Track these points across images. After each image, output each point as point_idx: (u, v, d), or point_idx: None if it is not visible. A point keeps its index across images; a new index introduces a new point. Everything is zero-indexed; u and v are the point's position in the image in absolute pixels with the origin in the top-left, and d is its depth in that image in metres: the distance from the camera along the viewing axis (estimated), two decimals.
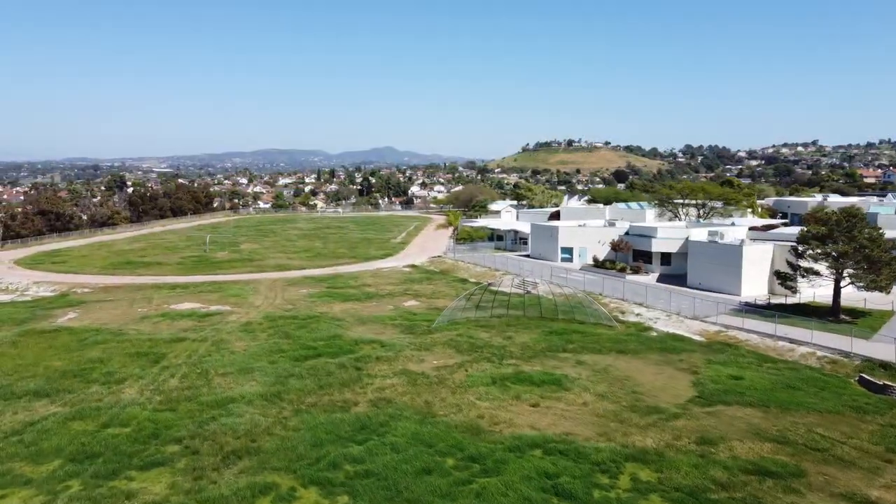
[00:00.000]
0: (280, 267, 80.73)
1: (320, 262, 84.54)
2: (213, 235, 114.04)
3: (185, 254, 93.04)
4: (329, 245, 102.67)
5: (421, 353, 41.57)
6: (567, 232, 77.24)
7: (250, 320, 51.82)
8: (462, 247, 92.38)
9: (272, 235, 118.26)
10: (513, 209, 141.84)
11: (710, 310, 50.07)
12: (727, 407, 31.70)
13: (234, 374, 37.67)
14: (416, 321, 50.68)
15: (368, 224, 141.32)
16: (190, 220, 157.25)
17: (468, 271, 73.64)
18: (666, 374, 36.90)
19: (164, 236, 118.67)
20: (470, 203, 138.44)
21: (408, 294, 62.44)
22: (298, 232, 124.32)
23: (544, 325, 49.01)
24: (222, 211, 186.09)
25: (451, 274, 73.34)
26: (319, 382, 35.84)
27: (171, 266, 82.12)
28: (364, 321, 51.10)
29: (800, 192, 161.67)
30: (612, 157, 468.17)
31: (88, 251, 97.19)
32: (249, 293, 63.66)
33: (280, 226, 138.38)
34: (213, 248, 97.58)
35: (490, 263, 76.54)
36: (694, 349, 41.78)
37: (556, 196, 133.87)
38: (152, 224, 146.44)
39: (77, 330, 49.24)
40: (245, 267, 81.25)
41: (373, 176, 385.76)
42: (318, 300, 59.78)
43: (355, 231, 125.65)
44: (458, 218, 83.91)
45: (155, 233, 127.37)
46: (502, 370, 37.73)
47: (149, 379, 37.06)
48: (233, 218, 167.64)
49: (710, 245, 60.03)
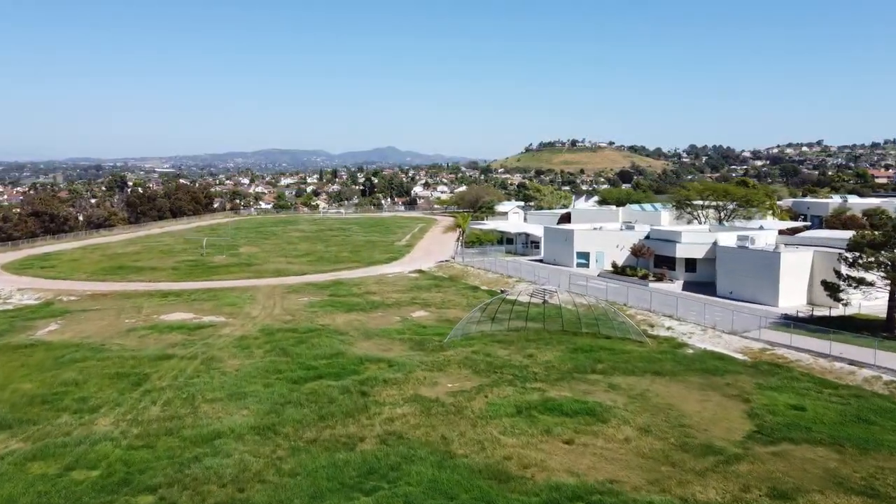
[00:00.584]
0: (280, 272, 76.27)
1: (322, 267, 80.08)
2: (212, 238, 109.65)
3: (180, 258, 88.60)
4: (331, 248, 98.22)
5: (434, 375, 37.09)
6: (583, 236, 72.67)
7: (245, 334, 47.37)
8: (471, 251, 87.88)
9: (273, 238, 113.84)
10: (520, 210, 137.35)
11: (749, 323, 45.53)
12: (794, 446, 27.16)
13: (223, 401, 33.22)
14: (427, 335, 46.18)
15: (372, 225, 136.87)
16: (189, 222, 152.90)
17: (479, 278, 69.12)
18: (713, 402, 32.37)
19: (160, 239, 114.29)
20: (476, 204, 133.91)
21: (416, 303, 57.95)
22: (300, 234, 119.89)
23: (567, 340, 44.47)
24: (223, 212, 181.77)
25: (460, 280, 68.83)
26: (320, 412, 31.39)
27: (165, 271, 77.67)
28: (369, 335, 46.61)
29: (815, 193, 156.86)
30: (617, 158, 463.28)
31: (80, 255, 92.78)
32: (246, 302, 59.22)
33: (281, 227, 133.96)
34: (210, 251, 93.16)
35: (502, 269, 72.00)
36: (739, 370, 37.22)
37: (566, 197, 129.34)
38: (150, 226, 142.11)
39: (55, 345, 44.83)
40: (243, 272, 76.80)
41: (375, 176, 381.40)
42: (320, 310, 55.31)
43: (358, 233, 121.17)
44: (468, 221, 79.32)
45: (152, 235, 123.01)
46: (527, 396, 33.23)
47: (127, 406, 32.62)
48: (233, 219, 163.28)
49: (743, 251, 55.45)
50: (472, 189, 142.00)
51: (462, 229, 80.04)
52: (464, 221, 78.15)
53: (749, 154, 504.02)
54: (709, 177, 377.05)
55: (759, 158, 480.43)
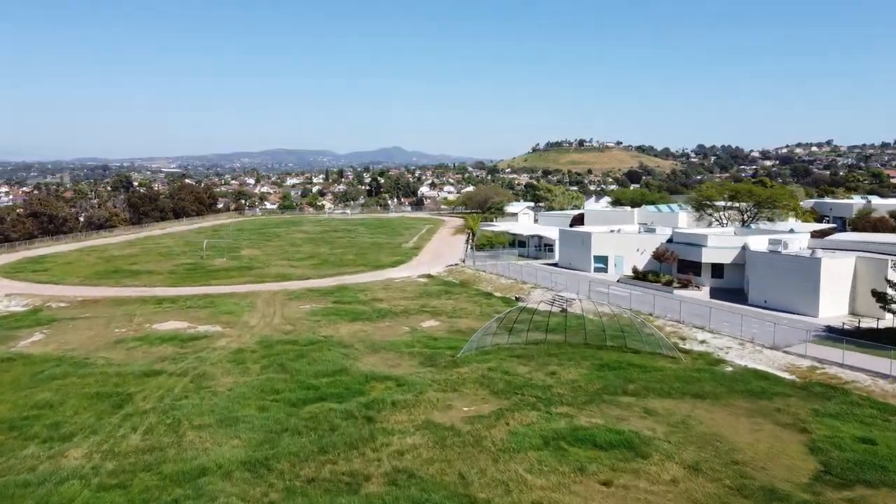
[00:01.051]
0: (281, 276, 72.58)
1: (326, 271, 76.38)
2: (213, 239, 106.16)
3: (179, 261, 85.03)
4: (336, 250, 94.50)
5: (447, 396, 33.29)
6: (601, 239, 68.69)
7: (242, 346, 43.66)
8: (481, 254, 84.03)
9: (276, 239, 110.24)
10: (530, 211, 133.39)
11: (790, 336, 41.57)
12: (873, 490, 23.23)
13: (212, 427, 29.50)
14: (438, 348, 42.37)
15: (378, 227, 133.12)
16: (191, 223, 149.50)
17: (491, 283, 65.24)
18: (766, 432, 28.46)
19: (161, 240, 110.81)
20: (485, 205, 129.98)
21: (425, 311, 54.14)
22: (304, 235, 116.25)
23: (592, 355, 40.57)
24: (226, 212, 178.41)
25: (472, 286, 64.97)
26: (320, 442, 27.63)
27: (161, 275, 74.08)
28: (376, 348, 42.83)
29: (832, 194, 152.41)
30: (624, 158, 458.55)
31: (76, 257, 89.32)
32: (245, 309, 55.54)
33: (285, 228, 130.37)
34: (210, 254, 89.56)
35: (515, 274, 68.08)
36: (788, 392, 33.28)
37: (577, 197, 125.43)
38: (151, 226, 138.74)
39: (35, 358, 41.24)
40: (243, 276, 73.15)
41: (382, 176, 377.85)
42: (323, 319, 51.57)
43: (364, 234, 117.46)
44: (478, 223, 75.28)
45: (153, 236, 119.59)
46: (553, 424, 29.39)
47: (104, 434, 28.94)
48: (237, 220, 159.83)
49: (776, 257, 51.40)
50: (480, 189, 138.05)
51: (472, 232, 75.89)
52: (474, 223, 74.04)
53: (758, 154, 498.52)
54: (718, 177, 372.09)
55: (768, 158, 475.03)
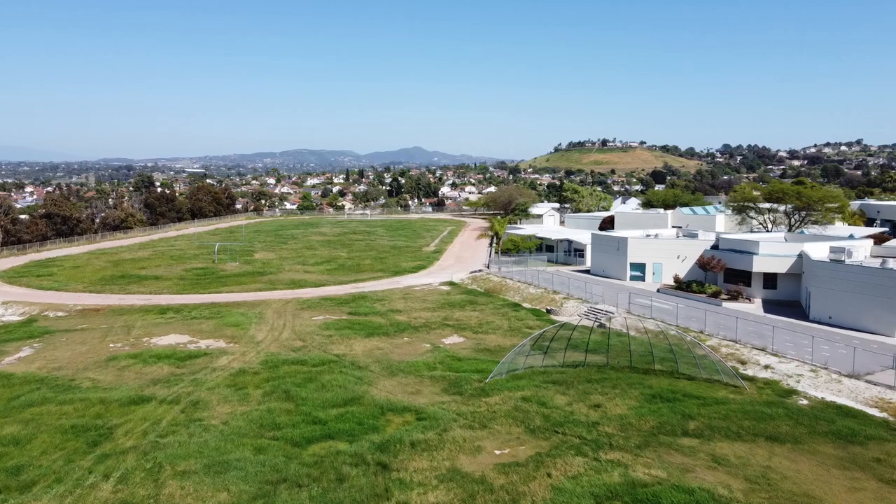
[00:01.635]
0: (295, 283, 68.08)
1: (342, 277, 71.77)
2: (227, 243, 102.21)
3: (190, 265, 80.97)
4: (354, 254, 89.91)
5: (476, 435, 28.29)
6: (638, 244, 63.17)
7: (244, 366, 39.05)
8: (506, 259, 78.89)
9: (292, 242, 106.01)
10: (556, 213, 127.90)
11: (870, 362, 35.96)
12: None
13: (197, 475, 24.78)
14: (463, 372, 37.37)
15: (398, 229, 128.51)
16: (208, 223, 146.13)
17: (519, 293, 60.05)
18: (870, 493, 23.03)
19: (174, 242, 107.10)
20: (509, 206, 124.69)
21: (448, 325, 49.19)
22: (321, 238, 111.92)
23: (640, 381, 35.31)
24: (244, 213, 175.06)
25: (498, 295, 59.85)
26: (325, 498, 22.79)
27: (169, 281, 69.96)
28: (393, 371, 37.96)
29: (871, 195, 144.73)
30: (648, 158, 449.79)
31: (85, 260, 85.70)
32: (252, 321, 51.01)
33: (302, 230, 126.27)
34: (222, 258, 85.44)
35: (545, 282, 62.76)
36: (884, 436, 27.76)
37: (605, 199, 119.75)
38: (167, 228, 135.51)
39: (16, 379, 36.96)
40: (254, 283, 68.77)
41: (402, 176, 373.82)
42: (336, 334, 46.83)
43: (384, 237, 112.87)
44: (504, 226, 69.84)
45: (167, 238, 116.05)
46: (605, 476, 24.23)
47: (70, 482, 24.36)
48: (254, 221, 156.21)
49: (843, 267, 45.62)
50: (504, 190, 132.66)
51: (498, 235, 70.40)
52: (500, 227, 68.64)
53: (785, 154, 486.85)
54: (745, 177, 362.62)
55: (796, 158, 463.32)
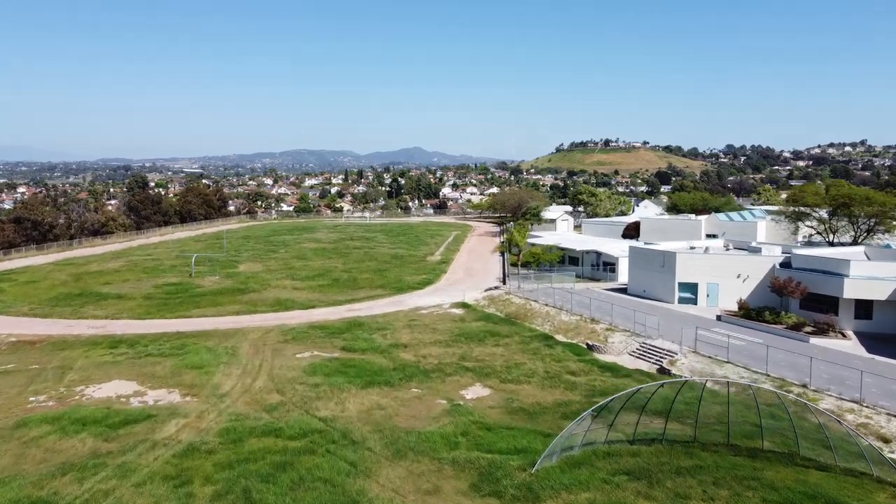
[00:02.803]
0: (280, 304, 57.33)
1: (336, 295, 61.11)
2: (209, 253, 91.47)
3: (163, 279, 70.25)
4: (350, 266, 79.20)
5: None
6: (689, 260, 52.39)
7: (197, 439, 28.35)
8: (523, 272, 68.37)
9: (283, 250, 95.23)
10: (569, 217, 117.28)
11: None
12: None
13: None
14: (498, 452, 26.65)
15: (399, 234, 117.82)
16: (196, 228, 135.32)
17: (549, 320, 49.27)
18: None
19: (153, 250, 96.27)
20: (518, 209, 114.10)
21: (466, 368, 38.49)
22: (315, 245, 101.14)
23: (751, 473, 24.62)
24: (237, 216, 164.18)
25: (523, 323, 49.12)
26: None
27: (133, 301, 59.20)
28: (400, 448, 27.26)
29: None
30: (652, 158, 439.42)
31: (45, 274, 74.83)
32: (221, 361, 40.29)
33: (296, 236, 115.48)
34: (200, 270, 74.65)
35: (579, 306, 51.72)
36: None
37: (624, 202, 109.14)
38: (151, 233, 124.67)
39: None
40: (233, 303, 58.07)
41: (402, 177, 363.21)
42: (325, 382, 36.11)
43: (384, 244, 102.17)
44: (525, 235, 58.71)
45: (148, 244, 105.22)
46: None
47: None
48: (245, 225, 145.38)
49: None
50: (512, 192, 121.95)
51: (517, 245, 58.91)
52: (520, 235, 57.20)
53: (790, 154, 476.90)
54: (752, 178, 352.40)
55: (800, 159, 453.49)
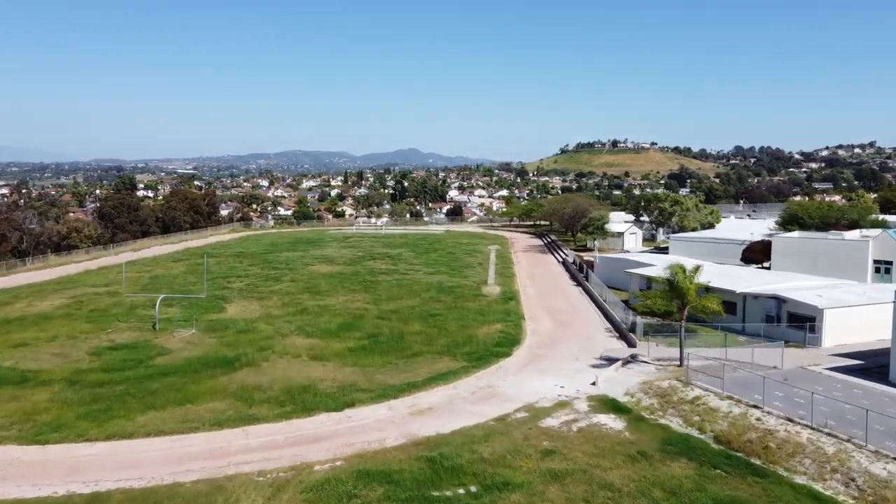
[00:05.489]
0: (293, 397, 32.85)
1: (382, 373, 36.94)
2: (192, 277, 67.08)
3: (111, 335, 45.86)
4: (385, 304, 55.12)
5: None
6: None
7: None
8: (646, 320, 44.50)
9: (287, 274, 70.95)
10: (638, 230, 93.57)
11: None
12: None
13: None
14: None
15: (427, 249, 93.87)
16: (180, 240, 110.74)
17: (814, 457, 25.23)
18: None
19: (114, 278, 71.62)
20: (575, 220, 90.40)
21: None
22: (328, 268, 76.78)
23: None
24: (229, 224, 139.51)
25: (775, 469, 24.96)
26: None
27: (47, 389, 34.56)
28: None
29: None
30: (662, 159, 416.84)
31: None
32: None
33: (301, 252, 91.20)
34: (168, 318, 50.00)
35: (847, 422, 27.97)
36: None
37: (712, 212, 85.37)
38: (124, 246, 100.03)
39: None
40: (213, 393, 33.68)
41: (405, 179, 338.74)
42: None
43: (416, 265, 78.10)
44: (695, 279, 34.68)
45: (114, 265, 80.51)
46: None
47: None
48: (239, 235, 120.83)
49: None
50: (568, 198, 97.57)
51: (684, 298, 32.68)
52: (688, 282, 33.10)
53: (799, 156, 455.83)
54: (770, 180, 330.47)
55: (812, 161, 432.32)
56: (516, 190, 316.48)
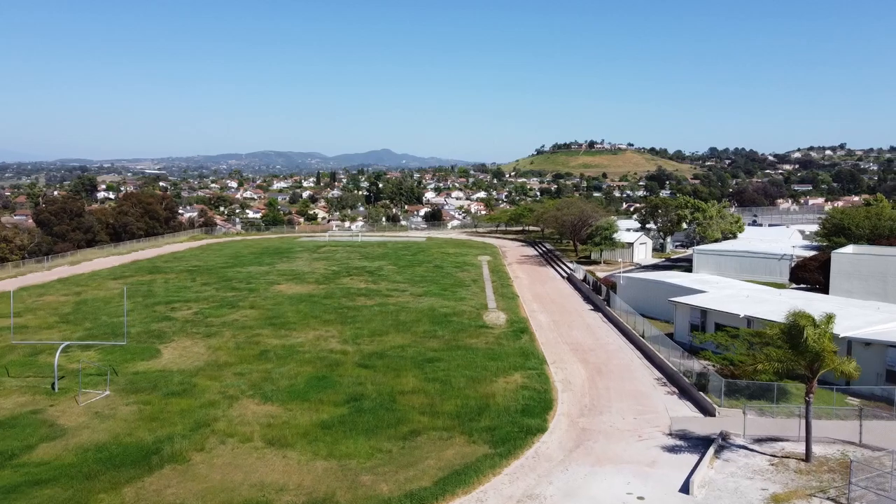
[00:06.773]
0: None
1: (363, 466, 24.81)
2: (130, 301, 53.90)
3: None
4: (367, 345, 42.95)
5: None
6: None
7: None
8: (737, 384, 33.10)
9: (247, 298, 58.23)
10: (648, 239, 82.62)
11: None
12: None
13: None
14: None
15: (412, 262, 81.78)
16: (130, 250, 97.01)
17: None
18: None
19: (37, 300, 58.17)
20: (579, 227, 79.18)
21: None
22: (297, 287, 64.20)
23: None
24: (189, 231, 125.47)
25: None
26: None
27: None
28: None
29: None
30: (639, 161, 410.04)
31: None
32: None
33: (266, 266, 78.40)
34: (70, 378, 37.07)
35: None
36: None
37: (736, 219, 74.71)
38: (62, 258, 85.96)
39: None
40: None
41: (379, 180, 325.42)
42: None
43: (401, 283, 65.94)
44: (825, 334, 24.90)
45: (40, 284, 66.95)
46: None
47: None
48: (199, 244, 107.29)
49: None
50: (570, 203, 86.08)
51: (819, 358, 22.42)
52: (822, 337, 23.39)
53: (773, 157, 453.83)
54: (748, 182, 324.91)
55: (786, 162, 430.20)
56: (494, 192, 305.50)
